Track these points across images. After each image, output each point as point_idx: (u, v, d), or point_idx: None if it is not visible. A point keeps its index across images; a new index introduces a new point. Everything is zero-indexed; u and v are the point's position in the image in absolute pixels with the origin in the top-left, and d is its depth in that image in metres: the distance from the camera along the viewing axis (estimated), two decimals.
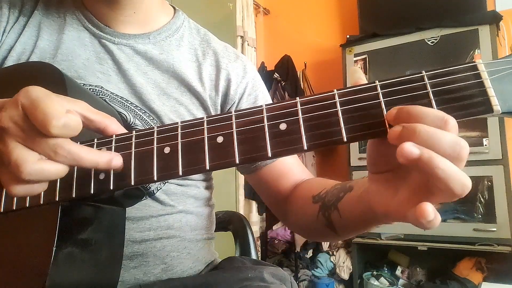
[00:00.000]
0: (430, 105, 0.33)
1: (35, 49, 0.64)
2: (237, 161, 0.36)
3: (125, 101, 0.64)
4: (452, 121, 0.31)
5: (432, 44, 2.26)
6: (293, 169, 0.72)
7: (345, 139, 0.34)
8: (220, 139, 0.38)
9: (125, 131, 0.43)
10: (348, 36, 2.58)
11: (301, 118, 0.36)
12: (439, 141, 0.31)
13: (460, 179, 0.31)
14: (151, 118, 0.65)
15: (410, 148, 0.30)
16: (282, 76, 2.84)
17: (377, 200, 0.39)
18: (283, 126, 0.36)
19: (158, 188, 0.65)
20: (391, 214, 0.37)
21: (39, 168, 0.37)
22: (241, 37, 2.82)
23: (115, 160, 0.40)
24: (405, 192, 0.35)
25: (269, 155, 0.36)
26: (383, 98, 0.34)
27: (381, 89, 0.35)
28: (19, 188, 0.38)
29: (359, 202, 0.46)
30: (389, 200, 0.37)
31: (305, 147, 0.35)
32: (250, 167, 0.72)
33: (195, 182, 0.71)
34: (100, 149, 0.42)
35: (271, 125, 0.37)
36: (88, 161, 0.39)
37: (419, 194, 0.33)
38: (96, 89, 0.63)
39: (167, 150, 0.39)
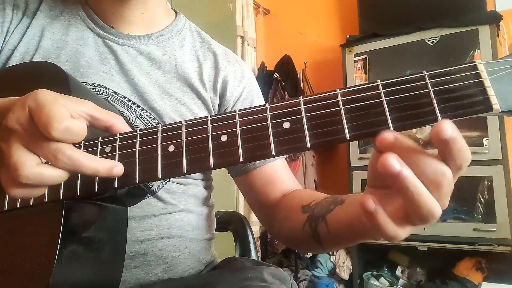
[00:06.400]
0: (431, 104, 0.34)
1: (38, 49, 0.65)
2: (241, 159, 0.37)
3: (127, 100, 0.65)
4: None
5: (432, 44, 2.26)
6: (282, 177, 0.71)
7: (348, 137, 0.35)
8: (224, 138, 0.38)
9: (131, 130, 0.43)
10: (348, 36, 2.58)
11: (304, 117, 0.36)
12: (424, 164, 0.32)
13: (429, 206, 0.32)
14: (153, 118, 0.65)
15: (393, 161, 0.31)
16: (282, 76, 2.84)
17: None
18: (286, 125, 0.37)
19: (160, 187, 0.65)
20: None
21: (37, 172, 0.37)
22: (241, 37, 2.82)
23: (116, 168, 0.40)
24: (393, 207, 0.35)
25: (273, 153, 0.36)
26: (385, 97, 0.35)
27: (383, 89, 0.35)
28: (17, 191, 0.38)
29: (348, 214, 0.45)
30: None
31: (309, 145, 0.35)
32: (239, 169, 0.72)
33: (196, 181, 0.72)
34: (104, 147, 0.42)
35: (275, 123, 0.37)
36: (89, 169, 0.39)
37: (399, 212, 0.34)
38: (98, 88, 0.64)
39: (171, 148, 0.40)
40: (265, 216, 0.72)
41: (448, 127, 0.30)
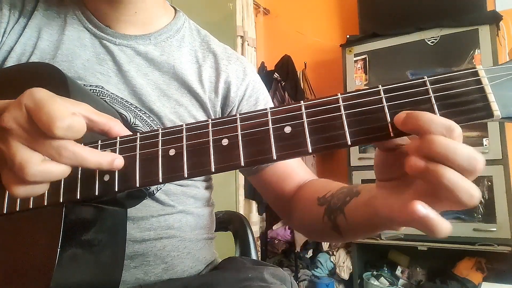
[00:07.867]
0: (432, 110, 0.34)
1: (35, 50, 0.64)
2: (242, 164, 0.37)
3: (125, 102, 0.64)
4: (457, 130, 0.32)
5: (432, 44, 2.26)
6: (296, 170, 0.71)
7: (349, 143, 0.34)
8: (225, 142, 0.38)
9: (129, 132, 0.43)
10: (348, 36, 2.58)
11: (305, 121, 0.36)
12: (454, 153, 0.31)
13: (468, 190, 0.32)
14: (151, 119, 0.65)
15: (416, 161, 0.32)
16: (282, 76, 2.83)
17: (383, 203, 0.39)
18: (287, 129, 0.36)
19: (158, 189, 0.65)
20: (395, 217, 0.37)
21: (43, 169, 0.37)
22: (241, 37, 2.82)
23: (117, 161, 0.40)
24: (410, 196, 0.35)
25: (274, 158, 0.36)
26: (386, 103, 0.35)
27: (384, 94, 0.35)
28: (21, 189, 0.38)
29: (366, 207, 0.46)
30: (394, 203, 0.37)
31: (310, 150, 0.35)
32: (252, 168, 0.72)
33: (195, 182, 0.71)
34: (104, 150, 0.42)
35: (276, 128, 0.37)
36: (92, 162, 0.39)
37: (425, 198, 0.33)
38: (96, 89, 0.63)
39: (172, 152, 0.39)
40: (282, 210, 0.73)
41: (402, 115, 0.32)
